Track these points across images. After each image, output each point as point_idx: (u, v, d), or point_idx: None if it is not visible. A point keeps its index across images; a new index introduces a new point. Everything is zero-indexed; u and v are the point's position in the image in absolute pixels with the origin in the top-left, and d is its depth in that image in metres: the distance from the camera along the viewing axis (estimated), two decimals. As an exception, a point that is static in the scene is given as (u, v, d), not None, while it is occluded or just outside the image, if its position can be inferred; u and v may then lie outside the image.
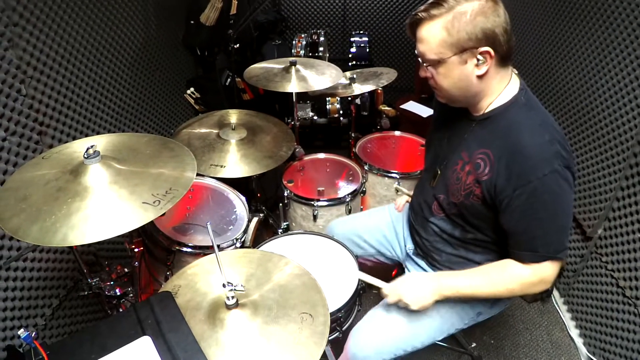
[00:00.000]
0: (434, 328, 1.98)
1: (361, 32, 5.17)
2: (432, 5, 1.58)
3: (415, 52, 1.72)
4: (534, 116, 1.69)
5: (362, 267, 2.19)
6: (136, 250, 2.07)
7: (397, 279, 1.92)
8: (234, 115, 2.92)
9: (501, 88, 1.71)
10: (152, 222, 1.56)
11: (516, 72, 1.77)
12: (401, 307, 1.94)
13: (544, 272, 1.70)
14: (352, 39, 5.02)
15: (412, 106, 4.49)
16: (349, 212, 2.85)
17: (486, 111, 1.75)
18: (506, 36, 1.58)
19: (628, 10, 2.25)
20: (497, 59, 1.61)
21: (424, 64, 1.70)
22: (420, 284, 1.85)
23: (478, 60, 1.59)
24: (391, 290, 1.88)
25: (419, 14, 1.61)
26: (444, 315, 1.97)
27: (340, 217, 2.66)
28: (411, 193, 2.40)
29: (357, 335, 1.95)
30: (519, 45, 3.46)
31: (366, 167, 3.09)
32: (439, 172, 1.96)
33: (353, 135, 3.68)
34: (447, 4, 1.56)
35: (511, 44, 1.62)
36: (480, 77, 1.64)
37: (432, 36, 1.60)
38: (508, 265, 1.75)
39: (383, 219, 2.41)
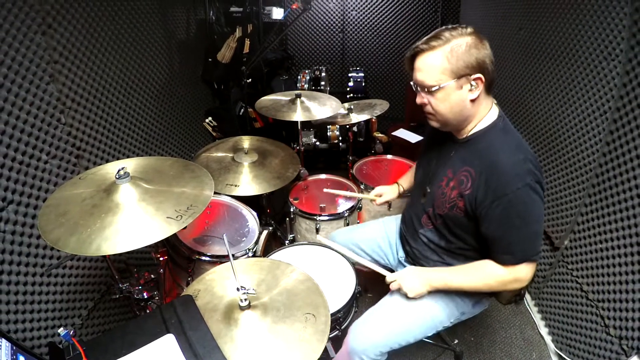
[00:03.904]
0: (424, 325, 1.97)
1: (358, 68, 5.19)
2: (431, 39, 1.64)
3: (411, 82, 1.76)
4: (510, 139, 1.72)
5: (361, 272, 2.20)
6: (161, 259, 2.08)
7: (398, 271, 1.98)
8: (246, 141, 2.93)
9: (484, 114, 1.75)
10: (175, 234, 1.58)
11: (495, 102, 1.80)
12: (395, 306, 1.96)
13: (520, 272, 1.72)
14: (349, 74, 5.04)
15: (402, 133, 4.50)
16: (347, 225, 2.85)
17: (469, 134, 1.78)
18: (492, 66, 1.64)
19: (591, 49, 2.29)
20: (485, 86, 1.66)
21: (422, 92, 1.73)
22: (415, 276, 1.91)
23: (471, 85, 1.64)
24: (394, 278, 1.94)
25: (420, 46, 1.66)
26: (432, 313, 1.97)
27: (340, 228, 2.66)
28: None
29: (355, 331, 1.95)
30: (497, 80, 3.47)
31: (362, 186, 3.09)
32: (427, 188, 1.98)
33: (350, 158, 3.69)
34: (444, 37, 1.62)
35: (494, 74, 1.67)
36: (472, 101, 1.68)
37: (433, 64, 1.64)
38: (488, 265, 1.78)
39: (378, 231, 2.40)
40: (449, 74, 1.63)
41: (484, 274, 1.79)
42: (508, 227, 1.67)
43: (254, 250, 2.41)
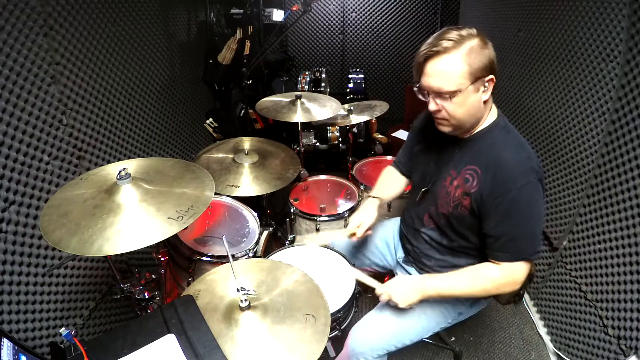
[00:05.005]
0: (421, 327, 1.98)
1: (357, 69, 5.21)
2: (442, 40, 1.56)
3: (415, 88, 1.70)
4: (512, 137, 1.73)
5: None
6: (162, 259, 2.08)
7: (388, 281, 1.90)
8: (247, 142, 2.93)
9: (486, 114, 1.75)
10: (176, 234, 1.57)
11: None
12: (393, 310, 1.95)
13: (515, 272, 1.70)
14: (349, 76, 5.06)
15: (401, 134, 4.51)
16: (347, 226, 2.84)
17: (472, 134, 1.78)
18: (498, 65, 1.62)
19: (589, 51, 2.29)
20: (494, 86, 1.64)
21: (436, 98, 1.66)
22: (406, 285, 1.84)
23: (484, 87, 1.62)
24: (383, 290, 1.86)
25: (433, 48, 1.57)
26: (429, 315, 1.98)
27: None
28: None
29: (355, 334, 1.96)
30: (497, 81, 3.48)
31: (362, 187, 3.09)
32: (428, 189, 1.97)
33: (350, 159, 3.70)
34: (454, 38, 1.55)
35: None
36: (485, 102, 1.67)
37: (451, 68, 1.57)
38: (483, 268, 1.76)
39: (376, 234, 2.40)
40: (468, 77, 1.57)
41: (480, 278, 1.76)
42: (509, 223, 1.66)
43: (254, 250, 2.41)
